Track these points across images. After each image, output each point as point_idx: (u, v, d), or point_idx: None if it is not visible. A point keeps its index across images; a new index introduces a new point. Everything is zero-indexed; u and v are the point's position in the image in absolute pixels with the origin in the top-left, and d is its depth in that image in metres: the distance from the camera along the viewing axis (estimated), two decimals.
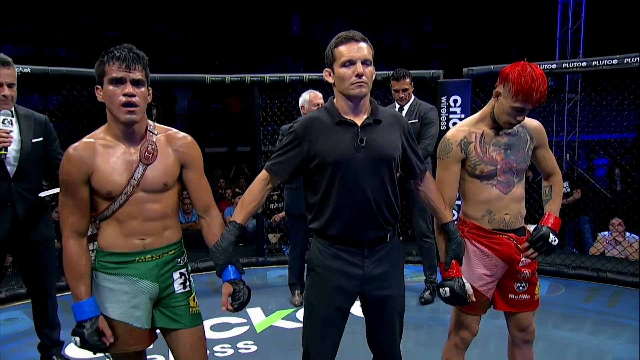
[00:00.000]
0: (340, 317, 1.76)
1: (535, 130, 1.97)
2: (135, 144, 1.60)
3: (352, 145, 1.66)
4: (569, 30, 6.86)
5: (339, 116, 1.69)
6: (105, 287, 1.62)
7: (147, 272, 1.64)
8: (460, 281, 1.84)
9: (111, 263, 1.62)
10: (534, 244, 1.92)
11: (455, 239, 1.85)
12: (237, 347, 2.99)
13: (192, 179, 1.71)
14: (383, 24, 13.95)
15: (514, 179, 1.91)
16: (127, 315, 1.62)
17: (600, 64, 3.92)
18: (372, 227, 1.71)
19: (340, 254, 1.72)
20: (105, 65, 1.53)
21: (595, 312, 3.55)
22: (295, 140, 1.70)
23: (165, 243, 1.67)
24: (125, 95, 1.52)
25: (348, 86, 1.65)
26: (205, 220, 1.77)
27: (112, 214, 1.59)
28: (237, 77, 4.64)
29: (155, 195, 1.62)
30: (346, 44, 1.65)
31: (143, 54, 1.58)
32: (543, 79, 1.76)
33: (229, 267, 1.67)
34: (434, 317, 3.43)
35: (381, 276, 1.75)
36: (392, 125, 1.74)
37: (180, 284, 1.70)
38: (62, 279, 4.16)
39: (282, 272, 4.52)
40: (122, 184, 1.56)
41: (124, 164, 1.58)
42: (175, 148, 1.67)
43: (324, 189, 1.69)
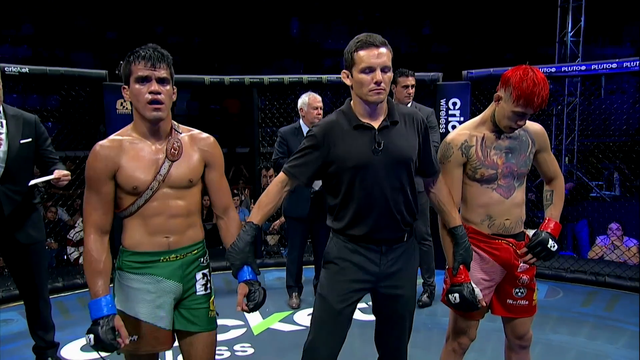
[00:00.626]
0: (350, 311, 1.77)
1: (537, 134, 1.95)
2: (161, 141, 1.62)
3: (370, 149, 1.67)
4: (568, 34, 6.88)
5: (357, 120, 1.70)
6: (130, 286, 1.63)
7: (172, 272, 1.64)
8: (469, 286, 1.82)
9: (136, 263, 1.62)
10: (533, 250, 1.90)
11: (464, 244, 1.84)
12: (234, 350, 2.98)
13: (213, 178, 1.73)
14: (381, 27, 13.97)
15: (515, 183, 1.90)
16: (152, 315, 1.62)
17: (600, 68, 3.93)
18: (392, 228, 1.74)
19: (359, 249, 1.75)
20: (131, 65, 1.56)
21: (593, 316, 3.54)
22: (315, 145, 1.71)
23: (188, 242, 1.67)
24: (151, 93, 1.54)
25: (367, 92, 1.65)
26: (223, 220, 1.79)
27: (138, 209, 1.60)
28: (236, 79, 4.64)
29: (180, 192, 1.63)
30: (366, 50, 1.64)
31: (167, 53, 1.60)
32: (545, 83, 1.75)
33: (245, 267, 1.68)
34: (432, 320, 3.42)
35: (396, 274, 1.77)
36: (409, 125, 1.75)
37: (202, 285, 1.71)
38: (58, 279, 4.17)
39: (279, 274, 4.50)
40: (148, 180, 1.58)
41: (150, 160, 1.60)
42: (199, 147, 1.69)
43: (344, 192, 1.71)
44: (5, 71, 3.67)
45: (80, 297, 4.05)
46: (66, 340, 3.09)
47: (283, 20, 13.10)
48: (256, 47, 12.01)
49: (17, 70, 3.74)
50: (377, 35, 1.67)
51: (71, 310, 3.75)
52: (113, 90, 4.10)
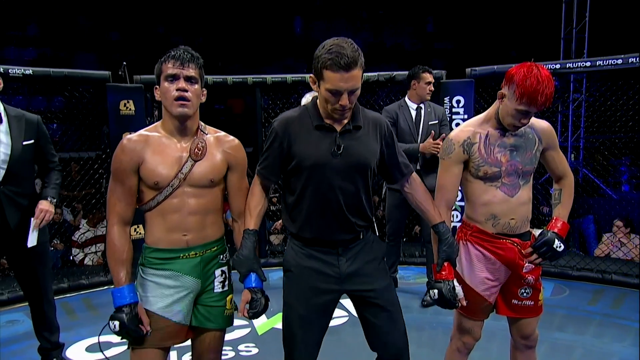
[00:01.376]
0: (318, 316, 1.76)
1: (544, 131, 1.91)
2: (187, 140, 1.67)
3: (329, 151, 1.66)
4: (573, 30, 6.82)
5: (319, 120, 1.68)
6: (152, 281, 1.67)
7: (191, 268, 1.68)
8: (450, 284, 1.79)
9: (157, 259, 1.67)
10: (538, 250, 1.87)
11: (447, 240, 1.81)
12: (238, 350, 2.99)
13: (234, 181, 1.77)
14: (384, 25, 13.94)
15: (520, 181, 1.87)
16: (167, 309, 1.65)
17: (605, 64, 3.90)
18: (344, 230, 1.73)
19: (315, 254, 1.74)
20: (162, 65, 1.62)
21: (600, 314, 3.52)
22: (276, 140, 1.70)
23: (207, 240, 1.71)
24: (178, 90, 1.59)
25: (331, 109, 1.64)
26: (237, 224, 1.82)
27: (157, 205, 1.65)
28: (239, 78, 4.64)
29: (201, 191, 1.67)
30: (336, 72, 1.54)
31: (198, 55, 1.66)
32: (549, 81, 1.71)
33: (251, 274, 1.69)
34: (436, 319, 3.41)
35: (358, 272, 1.75)
36: (372, 131, 1.74)
37: (220, 282, 1.75)
38: (64, 280, 4.19)
39: None
40: (169, 176, 1.63)
41: (174, 157, 1.65)
42: (224, 149, 1.74)
43: (299, 191, 1.71)
44: (9, 73, 3.70)
45: (85, 298, 4.07)
46: (71, 341, 3.11)
47: (286, 19, 13.10)
48: (259, 45, 12.01)
49: (21, 72, 3.76)
50: (349, 48, 1.54)
51: (76, 311, 3.76)
52: (116, 91, 4.11)
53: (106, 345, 2.85)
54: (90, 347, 3.03)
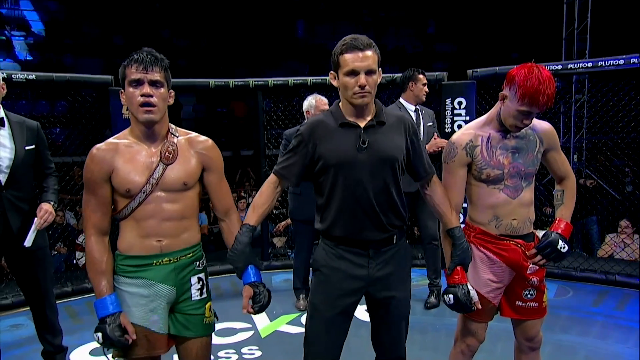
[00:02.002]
0: (343, 319, 1.76)
1: (546, 133, 1.91)
2: (157, 144, 1.64)
3: (354, 147, 1.66)
4: (575, 30, 6.81)
5: (342, 118, 1.70)
6: (125, 290, 1.63)
7: (165, 276, 1.64)
8: (464, 288, 1.80)
9: (129, 267, 1.63)
10: (542, 251, 1.87)
11: (461, 245, 1.82)
12: (242, 353, 2.99)
13: (213, 181, 1.74)
14: (387, 27, 13.97)
15: (522, 183, 1.87)
16: (145, 319, 1.63)
17: (607, 65, 3.89)
18: (376, 228, 1.71)
19: (345, 255, 1.73)
20: (125, 69, 1.59)
21: (603, 315, 3.51)
22: (302, 143, 1.71)
23: (182, 246, 1.67)
24: (143, 95, 1.56)
25: (351, 95, 1.65)
26: (225, 222, 1.80)
27: (131, 212, 1.61)
28: (240, 82, 4.65)
29: (174, 195, 1.64)
30: (351, 53, 1.63)
31: (162, 56, 1.62)
32: (550, 81, 1.71)
33: (249, 268, 1.69)
34: (440, 321, 3.40)
35: (386, 278, 1.74)
36: (397, 127, 1.74)
37: (198, 289, 1.71)
38: (67, 284, 4.20)
39: (287, 276, 4.50)
40: (141, 183, 1.59)
41: (145, 163, 1.61)
42: (197, 150, 1.70)
43: (328, 190, 1.71)
44: (13, 78, 3.72)
45: (89, 301, 4.06)
46: (75, 345, 3.11)
47: (289, 22, 13.14)
48: (262, 49, 12.05)
49: (24, 77, 3.79)
50: (363, 37, 1.66)
51: (80, 315, 3.77)
52: (119, 95, 4.13)
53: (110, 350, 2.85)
54: (94, 351, 3.03)
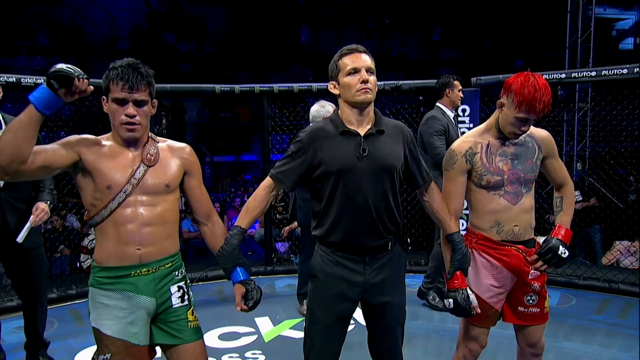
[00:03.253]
0: (341, 324, 1.79)
1: (544, 140, 1.95)
2: (138, 149, 1.65)
3: (354, 155, 1.69)
4: (578, 39, 6.84)
5: (343, 126, 1.73)
6: (102, 303, 1.61)
7: (143, 287, 1.62)
8: (464, 292, 1.82)
9: (106, 278, 1.61)
10: (543, 257, 1.89)
11: (460, 250, 1.85)
12: (245, 357, 2.99)
13: (193, 185, 1.76)
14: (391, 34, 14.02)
15: (522, 189, 1.90)
16: (124, 332, 1.60)
17: (610, 74, 3.90)
18: (373, 235, 1.74)
19: (342, 261, 1.75)
20: (110, 83, 1.57)
21: (607, 323, 3.49)
22: (301, 150, 1.73)
23: (161, 255, 1.66)
24: (126, 115, 1.56)
25: (354, 93, 1.68)
26: (207, 226, 1.81)
27: (110, 214, 1.58)
28: (246, 87, 4.67)
29: (155, 198, 1.63)
30: (350, 55, 1.71)
31: (147, 70, 1.61)
32: (546, 88, 1.76)
33: (237, 268, 1.71)
34: (443, 326, 3.40)
35: (382, 283, 1.77)
36: (395, 136, 1.77)
37: (179, 297, 1.70)
38: (72, 287, 4.22)
39: (290, 281, 4.51)
40: (122, 181, 1.59)
41: (126, 164, 1.62)
42: (179, 155, 1.73)
43: (327, 196, 1.72)
44: (22, 82, 3.77)
45: None
46: (80, 347, 3.12)
47: (293, 28, 13.21)
48: (267, 54, 12.12)
49: (32, 81, 3.82)
50: (358, 45, 1.75)
51: (85, 318, 3.76)
52: None
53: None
54: None
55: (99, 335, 1.61)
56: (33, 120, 1.43)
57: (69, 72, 1.43)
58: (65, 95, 1.46)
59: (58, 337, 3.29)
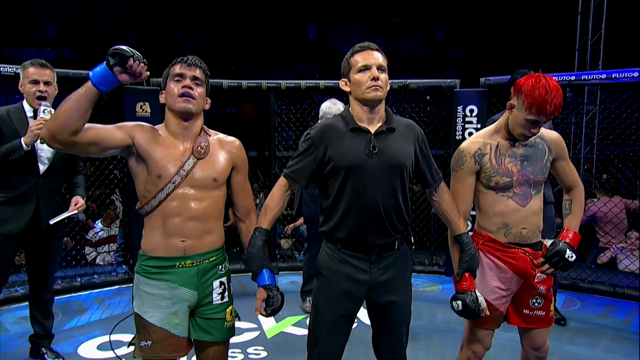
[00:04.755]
0: (346, 321, 1.79)
1: (554, 142, 1.93)
2: (189, 141, 1.66)
3: (364, 152, 1.69)
4: (588, 41, 6.78)
5: (353, 123, 1.73)
6: (146, 291, 1.65)
7: (187, 280, 1.65)
8: (473, 294, 1.82)
9: (152, 267, 1.65)
10: (550, 260, 1.88)
11: (469, 251, 1.84)
12: (247, 352, 3.00)
13: (239, 180, 1.77)
14: (399, 32, 13.99)
15: (532, 191, 1.89)
16: (166, 321, 1.63)
17: (621, 76, 3.87)
18: (380, 233, 1.73)
19: (348, 259, 1.75)
20: (170, 68, 1.66)
21: (611, 328, 3.48)
22: (312, 146, 1.74)
23: (205, 249, 1.68)
24: (184, 87, 1.61)
25: (364, 90, 1.69)
26: (245, 224, 1.83)
27: (158, 205, 1.62)
28: (253, 83, 4.67)
29: (202, 193, 1.65)
30: (361, 53, 1.72)
31: (205, 65, 1.69)
32: (558, 91, 1.74)
33: (264, 271, 1.72)
34: (447, 327, 3.39)
35: (387, 282, 1.76)
36: (406, 134, 1.77)
37: (219, 293, 1.72)
38: (77, 279, 4.24)
39: (293, 278, 4.52)
40: (171, 172, 1.61)
41: (176, 155, 1.64)
42: (228, 149, 1.74)
43: (336, 192, 1.73)
44: None
45: (97, 296, 4.12)
46: (83, 339, 3.15)
47: (301, 24, 13.20)
48: (274, 50, 12.12)
49: None
50: (371, 42, 1.76)
51: (88, 309, 3.80)
52: (133, 93, 4.17)
53: (117, 344, 2.88)
54: (102, 345, 3.06)
55: (142, 322, 1.64)
56: (88, 94, 1.46)
57: (125, 51, 1.46)
58: (120, 73, 1.48)
59: (61, 329, 3.32)
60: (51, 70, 2.63)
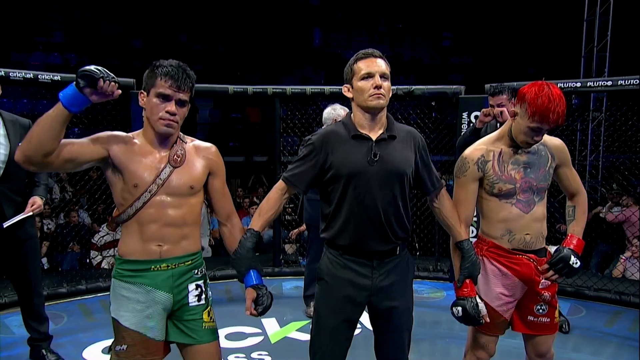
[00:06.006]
0: (347, 326, 1.79)
1: (557, 148, 1.94)
2: (166, 149, 1.68)
3: (365, 159, 1.70)
4: (594, 48, 6.79)
5: (355, 130, 1.74)
6: (122, 295, 1.66)
7: (162, 282, 1.66)
8: (473, 301, 1.82)
9: (128, 271, 1.66)
10: (554, 266, 1.88)
11: (470, 258, 1.84)
12: (252, 357, 3.01)
13: (217, 185, 1.78)
14: (403, 38, 14.03)
15: (535, 197, 1.89)
16: (141, 324, 1.64)
17: (627, 84, 3.86)
18: (381, 239, 1.74)
19: (350, 264, 1.75)
20: (157, 79, 1.60)
21: (617, 336, 3.47)
22: (313, 152, 1.74)
23: (182, 252, 1.69)
24: (167, 112, 1.60)
25: (367, 98, 1.69)
26: (227, 227, 1.83)
27: (135, 213, 1.63)
28: (259, 89, 4.70)
29: (178, 200, 1.66)
30: (365, 60, 1.72)
31: (193, 74, 1.65)
32: (561, 99, 1.74)
33: (251, 272, 1.73)
34: (450, 333, 3.39)
35: (389, 288, 1.77)
36: (407, 141, 1.78)
37: (196, 296, 1.72)
38: (82, 282, 4.26)
39: (297, 283, 4.53)
40: (148, 181, 1.62)
41: (152, 164, 1.64)
42: (204, 155, 1.74)
43: (337, 200, 1.73)
44: (39, 79, 3.85)
45: (102, 299, 4.13)
46: (88, 342, 3.16)
47: (305, 30, 13.27)
48: (278, 55, 12.17)
49: (49, 78, 3.88)
50: (375, 49, 1.76)
51: (94, 313, 3.82)
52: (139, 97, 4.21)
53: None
54: (107, 349, 3.06)
55: (117, 326, 1.65)
56: (59, 116, 1.46)
57: (94, 72, 1.46)
58: (90, 94, 1.48)
59: (67, 332, 3.35)
60: None
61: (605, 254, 5.26)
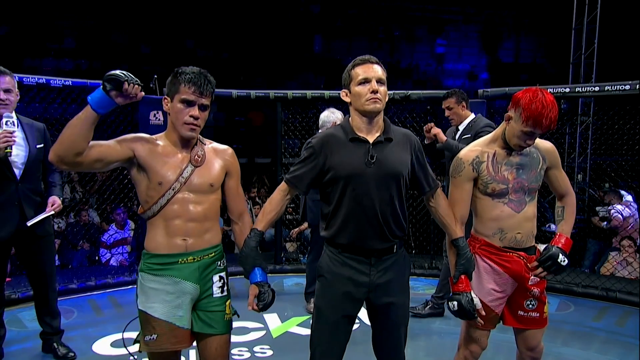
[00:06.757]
0: (346, 322, 1.84)
1: (548, 151, 2.00)
2: (188, 150, 1.77)
3: (363, 161, 1.76)
4: (582, 55, 6.89)
5: (353, 133, 1.79)
6: (150, 287, 1.73)
7: (189, 274, 1.74)
8: (468, 296, 1.88)
9: (156, 264, 1.73)
10: (543, 264, 1.93)
11: (465, 255, 1.91)
12: (254, 351, 3.07)
13: (232, 185, 1.88)
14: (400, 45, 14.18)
15: (526, 198, 1.95)
16: (170, 314, 1.71)
17: (613, 89, 3.95)
18: (379, 238, 1.79)
19: (349, 262, 1.81)
20: (180, 85, 1.68)
21: (604, 331, 3.53)
22: (313, 155, 1.81)
23: (205, 245, 1.78)
24: (192, 116, 1.69)
25: (364, 102, 1.75)
26: (238, 225, 1.93)
27: (160, 210, 1.72)
28: (261, 93, 4.78)
29: (200, 197, 1.75)
30: (362, 66, 1.78)
31: (213, 79, 1.75)
32: (554, 105, 1.81)
33: (256, 269, 1.80)
34: (445, 328, 3.47)
35: (386, 284, 1.82)
36: (403, 144, 1.83)
37: (219, 287, 1.80)
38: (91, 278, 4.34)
39: (298, 280, 4.61)
40: (171, 179, 1.71)
41: (175, 163, 1.74)
42: (222, 157, 1.84)
43: (336, 200, 1.79)
44: (51, 84, 3.98)
45: (111, 296, 4.23)
46: (97, 337, 3.23)
47: (307, 37, 13.39)
48: (280, 61, 12.27)
49: (61, 83, 4.02)
50: (372, 56, 1.82)
51: (103, 309, 3.91)
52: (147, 102, 4.30)
53: (130, 341, 2.98)
54: (115, 343, 3.14)
55: (146, 317, 1.72)
56: (88, 118, 1.55)
57: (119, 76, 1.54)
58: (116, 97, 1.56)
59: (77, 326, 3.41)
60: (10, 76, 2.57)
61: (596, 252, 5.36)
